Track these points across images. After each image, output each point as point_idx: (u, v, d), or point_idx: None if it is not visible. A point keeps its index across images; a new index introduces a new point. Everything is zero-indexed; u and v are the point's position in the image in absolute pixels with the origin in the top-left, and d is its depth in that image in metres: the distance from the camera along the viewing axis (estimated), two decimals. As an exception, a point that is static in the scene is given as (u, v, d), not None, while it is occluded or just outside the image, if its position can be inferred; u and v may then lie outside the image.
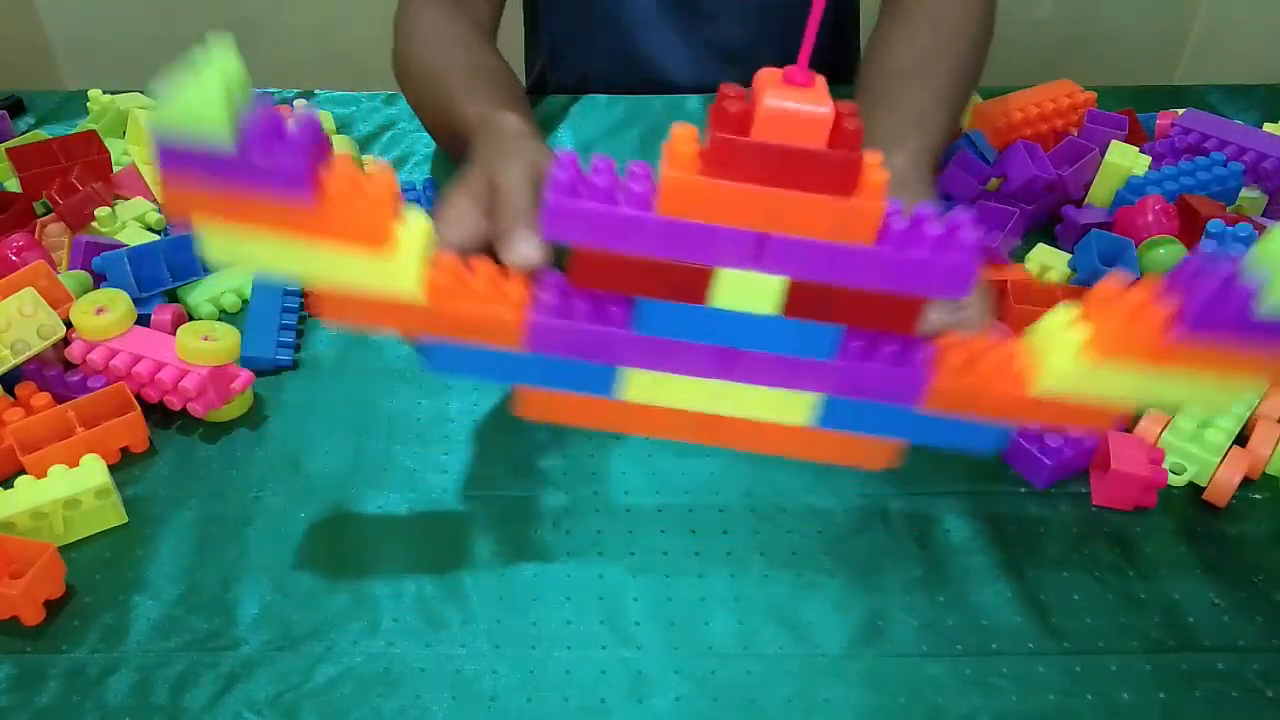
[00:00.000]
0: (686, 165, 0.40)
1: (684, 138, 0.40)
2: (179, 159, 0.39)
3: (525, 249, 0.47)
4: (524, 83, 1.02)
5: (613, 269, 0.43)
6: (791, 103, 0.38)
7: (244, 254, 0.43)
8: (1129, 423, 0.60)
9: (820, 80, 0.39)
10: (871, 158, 0.40)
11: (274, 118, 0.40)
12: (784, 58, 0.39)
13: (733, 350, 0.45)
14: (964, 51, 0.72)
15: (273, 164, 0.40)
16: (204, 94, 0.38)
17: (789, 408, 0.47)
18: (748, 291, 0.43)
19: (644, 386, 0.47)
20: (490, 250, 0.51)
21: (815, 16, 0.38)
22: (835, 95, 0.40)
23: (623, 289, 0.44)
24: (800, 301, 0.43)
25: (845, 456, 0.49)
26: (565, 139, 0.86)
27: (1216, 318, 0.41)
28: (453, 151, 0.70)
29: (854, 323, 0.44)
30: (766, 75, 0.39)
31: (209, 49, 0.38)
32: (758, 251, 0.42)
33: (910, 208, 0.46)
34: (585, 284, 0.45)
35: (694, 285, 0.43)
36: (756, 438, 0.49)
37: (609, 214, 0.41)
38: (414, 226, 0.43)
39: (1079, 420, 0.46)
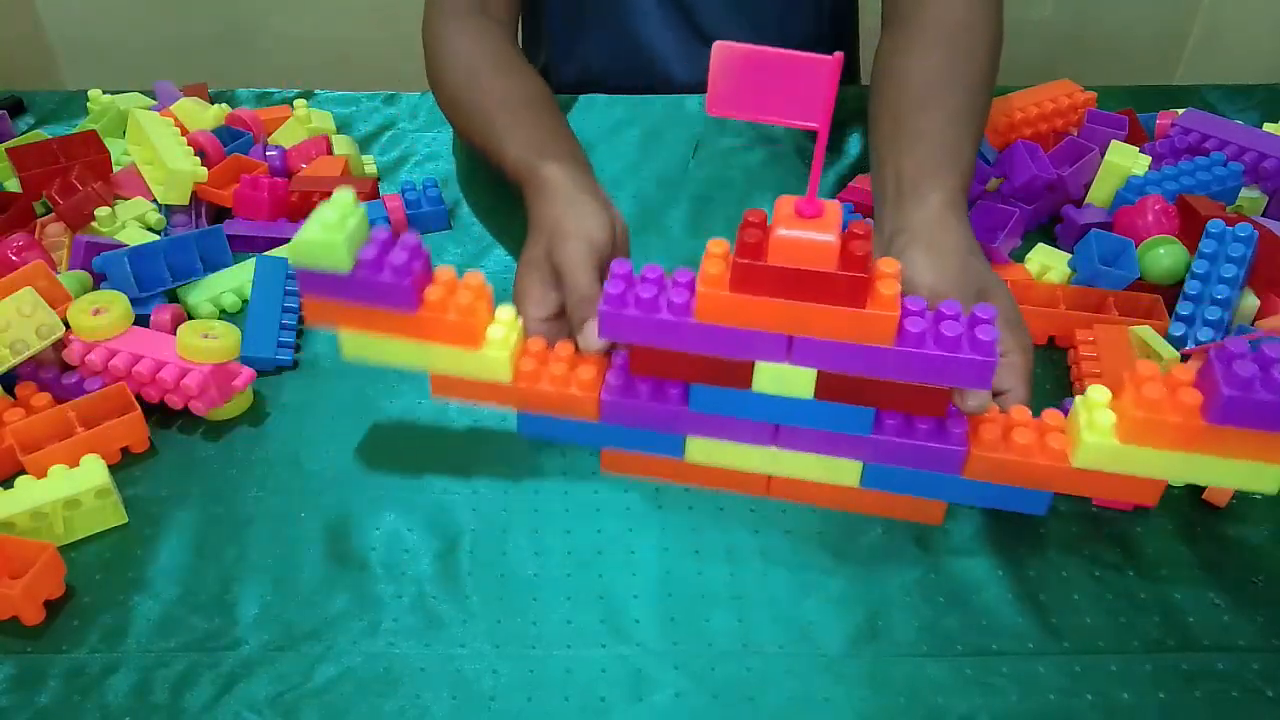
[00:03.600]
0: (717, 282, 0.47)
1: (716, 255, 0.47)
2: (312, 279, 0.50)
3: (593, 342, 0.53)
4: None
5: (664, 361, 0.51)
6: (800, 233, 0.44)
7: (371, 351, 0.53)
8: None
9: (831, 207, 0.45)
10: (887, 266, 0.46)
11: (384, 244, 0.50)
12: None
13: (774, 424, 0.52)
14: (978, 65, 0.70)
15: (382, 283, 0.49)
16: (328, 229, 0.48)
17: (837, 472, 0.53)
18: (784, 380, 0.49)
19: (705, 451, 0.54)
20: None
21: (819, 158, 0.43)
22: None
23: (675, 377, 0.52)
24: (832, 388, 0.49)
25: (900, 512, 0.54)
26: (565, 139, 0.86)
27: (1244, 411, 0.43)
28: (493, 170, 0.74)
29: (884, 406, 0.49)
30: (783, 203, 0.45)
31: (336, 194, 0.49)
32: (788, 349, 0.48)
33: (936, 278, 0.55)
34: (643, 373, 0.52)
35: (737, 375, 0.50)
36: (814, 494, 0.55)
37: (652, 321, 0.48)
38: (503, 322, 0.52)
39: (1123, 493, 0.49)
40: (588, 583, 0.53)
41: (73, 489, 0.53)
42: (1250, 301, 0.65)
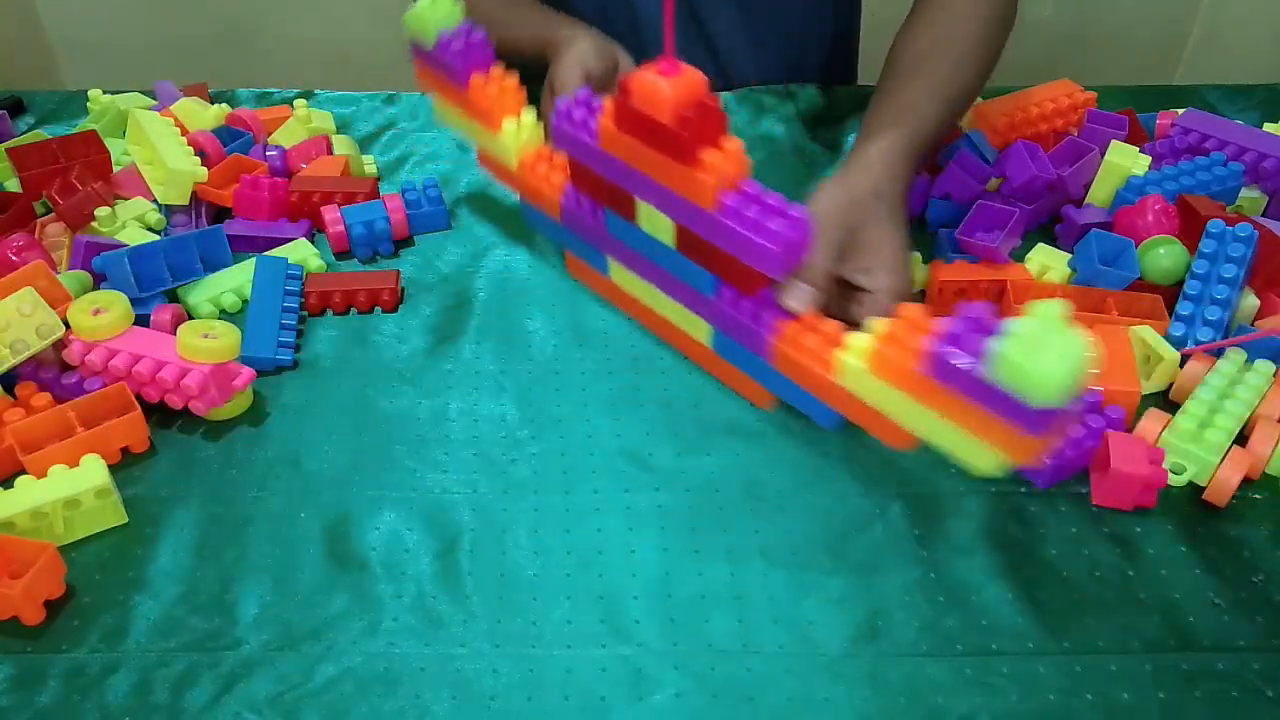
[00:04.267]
0: (610, 114, 0.55)
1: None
2: (416, 49, 0.70)
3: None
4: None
5: (585, 178, 0.60)
6: (640, 77, 0.51)
7: (445, 117, 0.73)
8: (1128, 423, 0.60)
9: (690, 72, 0.51)
10: (730, 144, 0.51)
11: (460, 33, 0.66)
12: (777, 62, 0.41)
13: (655, 264, 0.60)
14: (971, 41, 0.73)
15: (443, 59, 0.67)
16: (422, 12, 0.66)
17: (695, 328, 0.61)
18: (654, 223, 0.57)
19: (619, 274, 0.64)
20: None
21: (669, 19, 0.49)
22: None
23: (589, 194, 0.61)
24: (684, 243, 0.56)
25: (738, 388, 0.62)
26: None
27: (945, 370, 0.45)
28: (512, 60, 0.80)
29: (714, 272, 0.56)
30: (658, 63, 0.51)
31: None
32: (653, 193, 0.55)
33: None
34: (575, 185, 0.62)
35: (625, 206, 0.58)
36: (687, 347, 0.63)
37: (576, 139, 0.58)
38: (524, 121, 0.67)
39: (875, 427, 0.53)
40: (588, 583, 0.53)
41: (73, 489, 0.53)
42: (1250, 301, 0.65)
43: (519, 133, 0.66)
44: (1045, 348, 0.41)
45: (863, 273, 0.59)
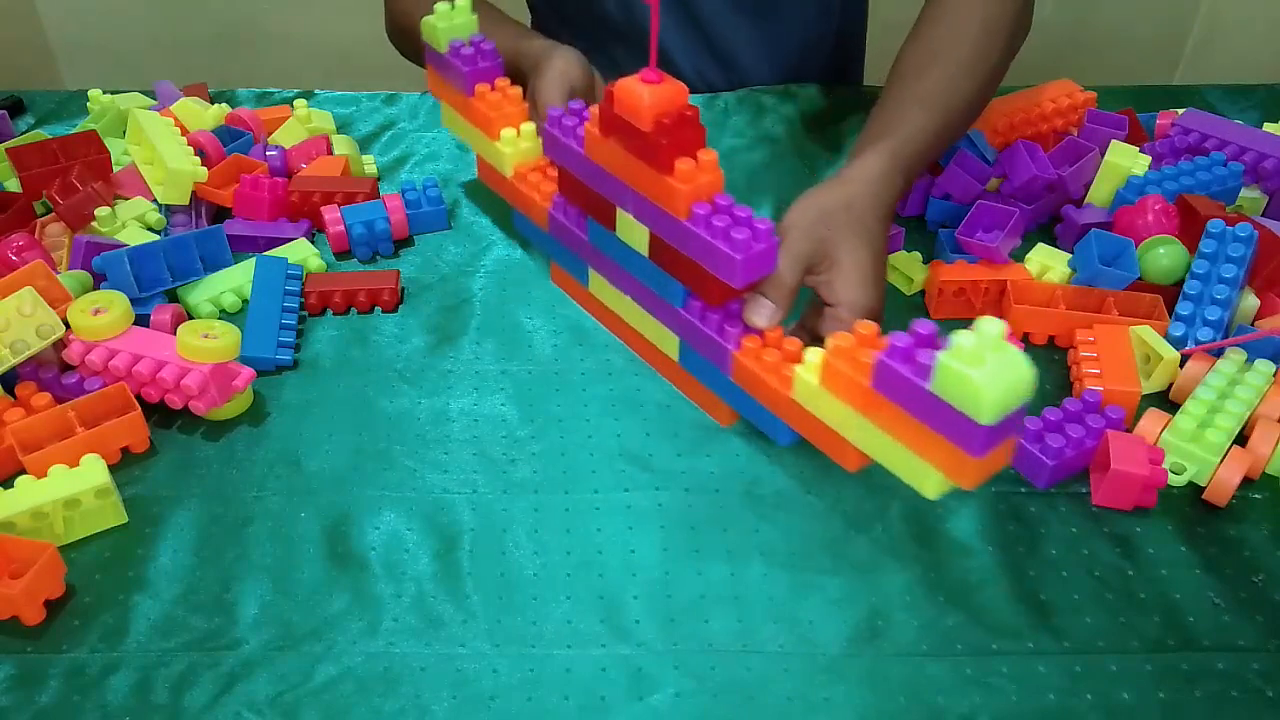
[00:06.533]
0: (595, 121, 0.55)
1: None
2: (431, 55, 0.72)
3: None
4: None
5: (571, 186, 0.61)
6: (624, 85, 0.52)
7: (450, 123, 0.74)
8: (1128, 423, 0.60)
9: (671, 81, 0.51)
10: (705, 155, 0.52)
11: (474, 43, 0.69)
12: (772, 56, 0.41)
13: (630, 274, 0.59)
14: (970, 48, 0.72)
15: (451, 65, 0.69)
16: (436, 20, 0.69)
17: (663, 340, 0.60)
18: (631, 231, 0.57)
19: (597, 284, 0.64)
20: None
21: (654, 30, 0.51)
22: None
23: (575, 202, 0.62)
24: (657, 252, 0.56)
25: (699, 400, 0.61)
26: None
27: (892, 382, 0.44)
28: None
29: (684, 281, 0.55)
30: (641, 73, 0.52)
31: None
32: (631, 201, 0.55)
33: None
34: (563, 193, 0.63)
35: (605, 213, 0.58)
36: (654, 359, 0.63)
37: (565, 146, 0.59)
38: (523, 131, 0.68)
39: (828, 445, 0.52)
40: (588, 583, 0.53)
41: (73, 489, 0.53)
42: (1250, 301, 0.65)
43: (517, 142, 0.67)
44: (987, 362, 0.40)
45: (825, 286, 0.57)
